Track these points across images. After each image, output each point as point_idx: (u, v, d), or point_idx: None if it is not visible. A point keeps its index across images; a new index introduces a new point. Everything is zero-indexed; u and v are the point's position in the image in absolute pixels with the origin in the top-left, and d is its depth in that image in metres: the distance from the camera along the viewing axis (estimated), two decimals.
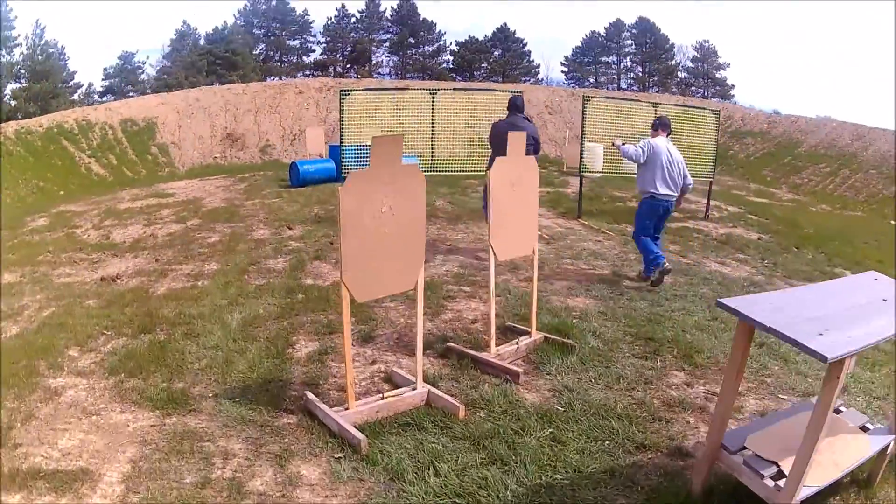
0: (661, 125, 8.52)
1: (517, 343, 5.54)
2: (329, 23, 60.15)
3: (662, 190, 8.07)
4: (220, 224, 11.59)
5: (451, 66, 60.47)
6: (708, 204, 14.03)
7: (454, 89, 14.12)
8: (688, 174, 8.37)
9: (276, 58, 60.44)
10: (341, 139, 11.21)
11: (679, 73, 63.39)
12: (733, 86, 62.68)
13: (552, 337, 5.79)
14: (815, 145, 27.34)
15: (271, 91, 30.69)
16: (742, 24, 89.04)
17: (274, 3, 59.39)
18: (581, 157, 12.93)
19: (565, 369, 5.27)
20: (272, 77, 54.15)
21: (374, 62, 61.36)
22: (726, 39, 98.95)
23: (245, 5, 59.36)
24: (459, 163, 11.89)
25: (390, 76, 58.44)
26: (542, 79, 60.20)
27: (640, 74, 63.71)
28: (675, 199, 8.30)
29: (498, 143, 8.83)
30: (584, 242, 10.47)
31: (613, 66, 64.52)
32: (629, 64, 64.66)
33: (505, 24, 61.31)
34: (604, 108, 12.83)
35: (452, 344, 5.57)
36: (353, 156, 11.49)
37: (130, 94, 46.14)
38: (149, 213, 13.32)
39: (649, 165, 8.11)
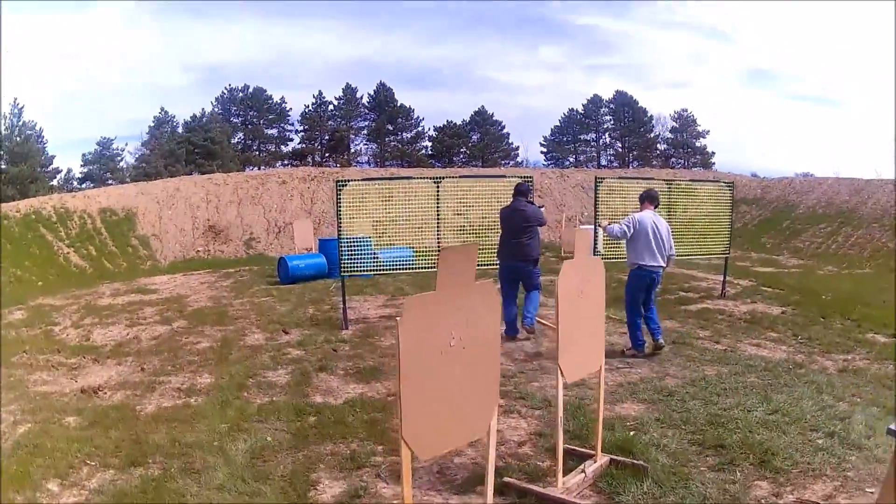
0: (647, 198, 8.69)
1: (583, 470, 4.68)
2: (307, 111, 59.85)
3: (649, 262, 8.30)
4: (208, 326, 10.69)
5: (430, 152, 60.13)
6: (724, 282, 13.33)
7: (460, 177, 13.43)
8: (672, 245, 8.78)
9: (255, 147, 60.18)
10: (339, 232, 10.44)
11: (659, 145, 63.90)
12: (713, 153, 63.00)
13: (620, 459, 4.95)
14: (813, 206, 26.70)
15: (253, 181, 30.01)
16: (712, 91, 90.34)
17: (251, 91, 59.33)
18: (595, 242, 12.10)
19: (643, 497, 4.48)
20: (251, 167, 53.78)
21: (352, 150, 61.25)
22: (700, 106, 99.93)
23: (223, 93, 59.56)
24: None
25: (369, 164, 58.28)
26: (522, 161, 60.10)
27: (620, 150, 64.12)
28: (661, 269, 8.50)
29: (504, 226, 9.29)
30: (609, 336, 9.63)
31: (593, 144, 64.89)
32: (608, 140, 65.12)
33: (482, 107, 61.35)
34: (616, 188, 12.10)
35: (510, 479, 4.66)
36: (353, 249, 10.71)
37: (109, 181, 45.67)
38: (131, 311, 12.44)
39: (636, 239, 8.33)
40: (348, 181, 10.78)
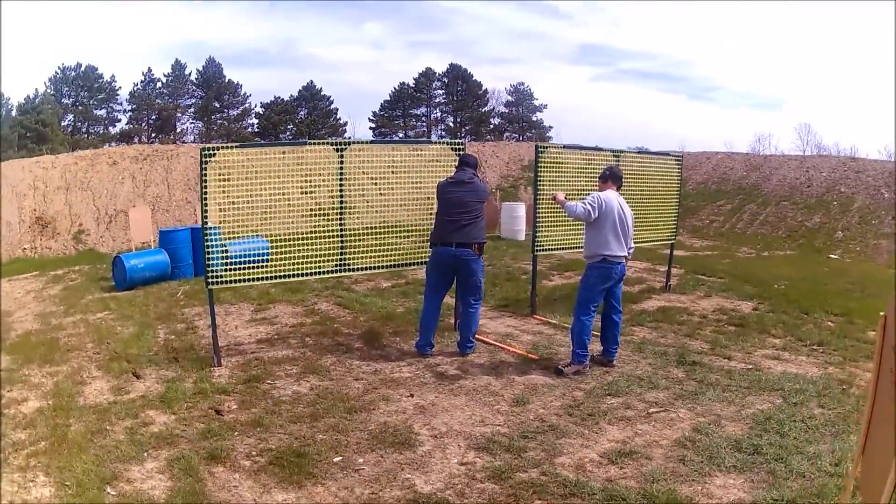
0: (611, 177, 7.16)
1: None
2: (135, 89, 55.61)
3: (616, 251, 6.79)
4: (35, 367, 7.23)
5: (257, 129, 57.16)
6: (669, 272, 11.38)
7: (370, 142, 10.58)
8: (632, 236, 7.13)
9: (84, 129, 54.95)
10: (204, 221, 7.27)
11: (493, 119, 62.88)
12: (551, 127, 62.16)
13: None
14: (704, 181, 25.01)
15: (83, 163, 25.57)
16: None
17: (83, 69, 54.19)
18: (536, 229, 9.40)
19: None
20: (80, 150, 48.63)
21: (178, 130, 57.41)
22: (535, 81, 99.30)
23: (56, 72, 54.16)
24: (390, 251, 8.23)
25: (194, 143, 54.10)
26: (350, 136, 57.54)
27: (453, 125, 62.69)
28: (625, 261, 7.00)
29: (442, 202, 7.44)
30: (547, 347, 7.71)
31: (423, 118, 63.10)
32: (440, 114, 63.57)
33: (311, 82, 58.95)
34: (560, 159, 9.56)
35: None
36: (221, 242, 7.54)
37: None
38: None
39: (600, 224, 6.78)
40: (216, 149, 7.56)
